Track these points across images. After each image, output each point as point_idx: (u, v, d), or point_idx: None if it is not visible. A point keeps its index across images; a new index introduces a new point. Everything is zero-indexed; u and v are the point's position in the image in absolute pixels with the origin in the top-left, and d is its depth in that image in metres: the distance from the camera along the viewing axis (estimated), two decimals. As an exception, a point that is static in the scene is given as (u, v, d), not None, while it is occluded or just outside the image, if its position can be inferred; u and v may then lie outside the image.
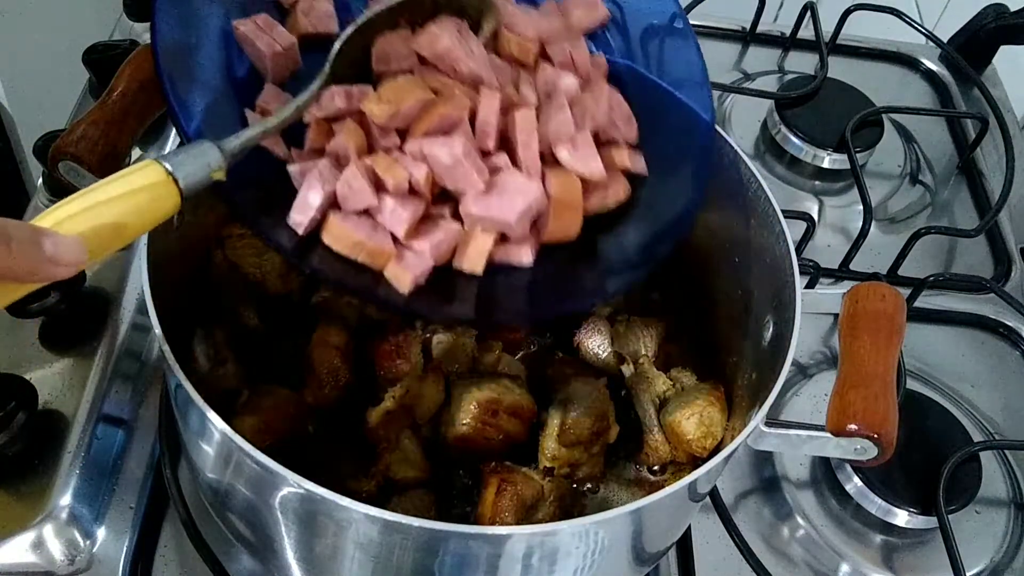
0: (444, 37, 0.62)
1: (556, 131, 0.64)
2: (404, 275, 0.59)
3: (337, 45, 0.61)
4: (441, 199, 0.62)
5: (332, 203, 0.60)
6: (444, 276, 0.62)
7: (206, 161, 0.53)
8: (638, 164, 0.69)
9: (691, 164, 0.70)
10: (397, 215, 0.59)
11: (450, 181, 0.61)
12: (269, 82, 0.64)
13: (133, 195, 0.49)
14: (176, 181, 0.51)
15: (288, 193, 0.60)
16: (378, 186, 0.60)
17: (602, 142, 0.68)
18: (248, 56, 0.65)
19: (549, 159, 0.65)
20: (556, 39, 0.68)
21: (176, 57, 0.60)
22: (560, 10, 0.71)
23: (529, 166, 0.63)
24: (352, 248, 0.59)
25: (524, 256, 0.63)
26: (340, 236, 0.59)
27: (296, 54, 0.65)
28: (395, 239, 0.60)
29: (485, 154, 0.63)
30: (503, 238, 0.63)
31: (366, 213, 0.60)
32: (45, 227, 0.45)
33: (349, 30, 0.62)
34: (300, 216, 0.59)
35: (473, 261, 0.61)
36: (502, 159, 0.63)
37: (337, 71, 0.62)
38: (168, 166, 0.51)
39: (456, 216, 0.62)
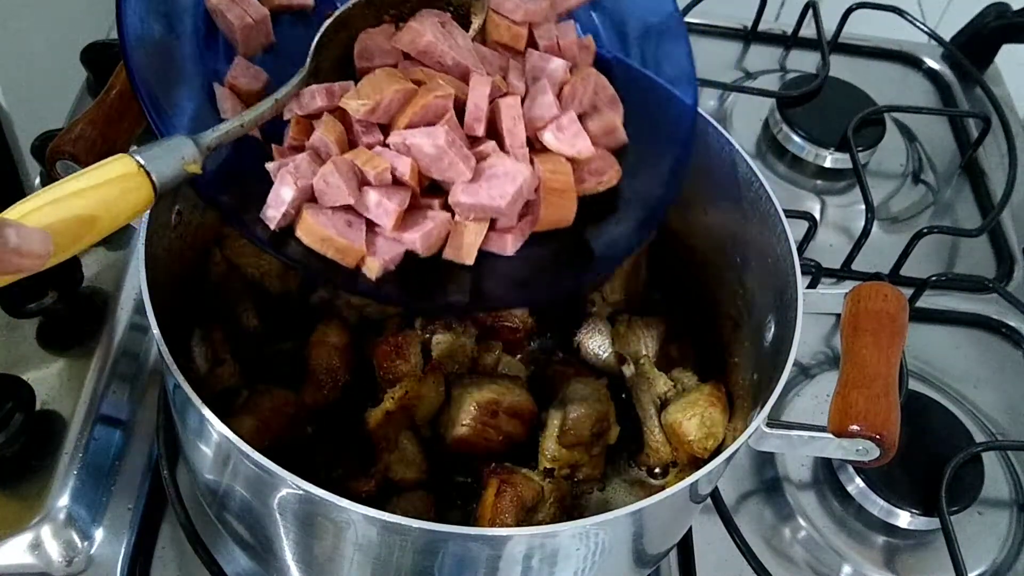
0: (427, 32, 0.62)
1: (540, 115, 0.64)
2: (372, 262, 0.59)
3: (316, 40, 0.60)
4: (430, 192, 0.62)
5: (309, 197, 0.59)
6: (426, 265, 0.61)
7: (180, 155, 0.53)
8: (621, 136, 0.69)
9: (673, 148, 0.70)
10: (383, 207, 0.59)
11: (436, 171, 0.60)
12: (239, 55, 0.64)
13: (103, 188, 0.49)
14: (148, 174, 0.51)
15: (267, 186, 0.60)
16: (362, 181, 0.59)
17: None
18: (220, 29, 0.64)
19: (538, 146, 0.65)
20: (543, 21, 0.68)
21: (149, 49, 0.59)
22: None
23: (516, 153, 0.63)
24: (321, 243, 0.59)
25: (508, 245, 0.63)
26: (311, 231, 0.58)
27: (268, 27, 0.65)
28: (377, 232, 0.60)
29: (474, 141, 0.62)
30: (491, 225, 0.62)
31: (344, 209, 0.60)
32: (9, 218, 0.45)
33: (327, 23, 0.61)
34: (273, 211, 0.59)
35: (465, 252, 0.61)
36: (490, 146, 0.62)
37: (318, 67, 0.61)
38: (140, 159, 0.51)
39: (445, 207, 0.62)
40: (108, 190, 0.49)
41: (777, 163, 1.11)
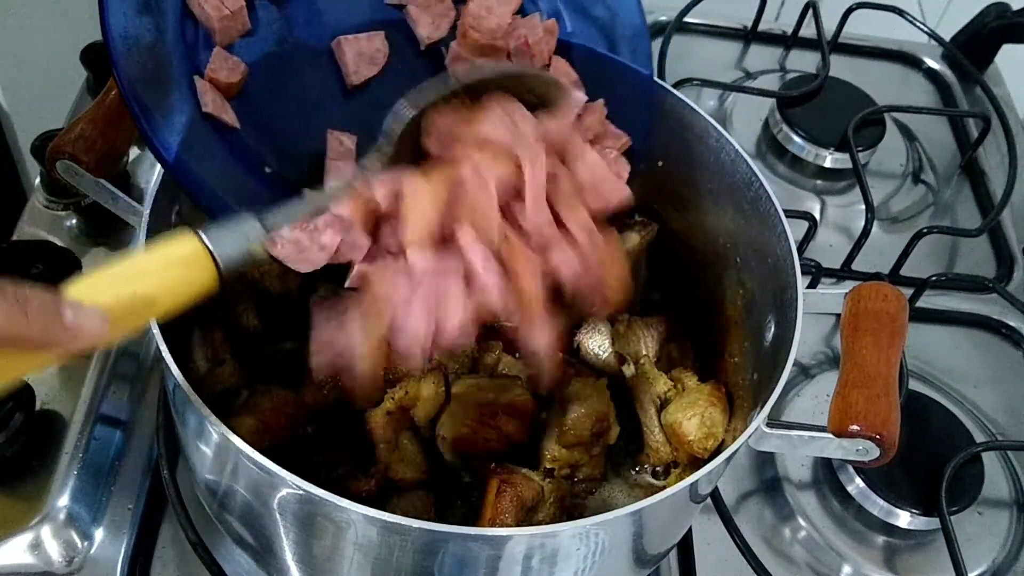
0: (493, 137, 0.60)
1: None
2: None
3: (399, 129, 0.58)
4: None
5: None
6: None
7: (245, 235, 0.51)
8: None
9: (633, 120, 0.71)
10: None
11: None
12: (217, 46, 0.64)
13: (166, 269, 0.48)
14: (213, 255, 0.49)
15: None
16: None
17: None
18: (198, 19, 0.64)
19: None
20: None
21: (135, 51, 0.59)
22: None
23: (575, 232, 0.62)
24: None
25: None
26: None
27: (244, 17, 0.65)
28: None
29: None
30: None
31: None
32: (69, 297, 0.44)
33: (410, 113, 0.59)
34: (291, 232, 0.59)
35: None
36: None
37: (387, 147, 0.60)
38: (206, 239, 0.49)
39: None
40: (172, 272, 0.48)
41: (777, 163, 1.11)
